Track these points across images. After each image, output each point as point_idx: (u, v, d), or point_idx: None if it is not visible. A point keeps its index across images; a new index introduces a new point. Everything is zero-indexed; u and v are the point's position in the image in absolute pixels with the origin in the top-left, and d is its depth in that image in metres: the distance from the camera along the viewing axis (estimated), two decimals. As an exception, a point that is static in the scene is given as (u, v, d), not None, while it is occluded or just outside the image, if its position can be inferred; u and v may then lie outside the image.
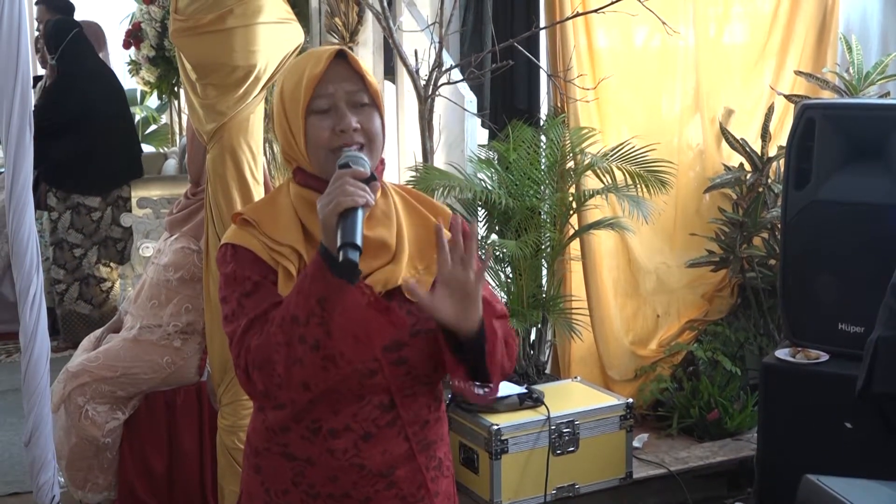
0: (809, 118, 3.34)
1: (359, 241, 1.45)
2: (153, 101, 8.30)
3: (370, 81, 1.66)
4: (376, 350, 1.59)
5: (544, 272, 3.97)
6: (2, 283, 5.37)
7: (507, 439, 3.29)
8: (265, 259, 1.60)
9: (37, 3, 5.70)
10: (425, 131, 3.74)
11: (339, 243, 1.45)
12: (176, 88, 6.26)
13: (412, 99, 3.93)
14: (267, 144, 5.04)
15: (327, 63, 1.62)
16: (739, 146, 4.28)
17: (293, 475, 1.65)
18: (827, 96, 4.15)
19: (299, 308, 1.50)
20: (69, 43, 5.09)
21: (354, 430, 1.61)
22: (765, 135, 4.26)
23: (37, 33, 6.14)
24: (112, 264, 5.20)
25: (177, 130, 7.22)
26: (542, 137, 3.92)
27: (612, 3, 3.63)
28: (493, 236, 3.90)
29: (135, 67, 6.51)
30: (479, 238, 3.86)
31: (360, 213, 1.48)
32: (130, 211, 5.01)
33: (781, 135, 4.21)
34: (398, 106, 4.79)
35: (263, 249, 1.61)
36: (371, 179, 1.54)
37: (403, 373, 1.62)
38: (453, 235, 1.54)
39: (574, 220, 3.97)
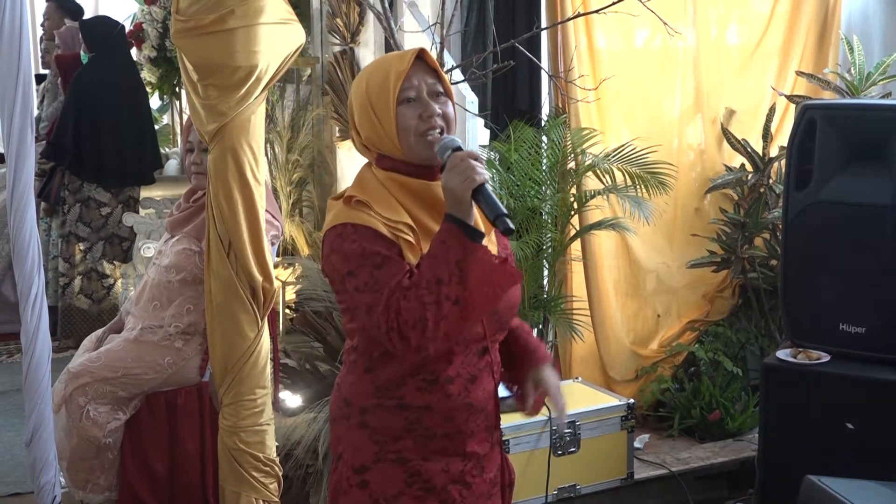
0: (810, 119, 3.34)
1: (506, 211, 1.76)
2: (154, 101, 8.30)
3: (443, 76, 1.93)
4: (501, 297, 1.83)
5: (545, 273, 3.97)
6: (3, 284, 5.39)
7: (508, 440, 3.29)
8: (386, 234, 1.82)
9: (47, 0, 5.77)
10: (427, 132, 3.73)
11: (493, 215, 1.75)
12: (177, 89, 6.26)
13: (413, 99, 3.92)
14: (267, 145, 5.04)
15: (412, 61, 1.88)
16: (740, 147, 4.28)
17: (407, 423, 1.89)
18: (828, 97, 4.15)
19: (441, 271, 1.74)
20: (112, 41, 5.20)
21: (463, 375, 1.90)
22: (766, 135, 4.26)
23: (40, 31, 6.19)
24: (116, 262, 5.23)
25: (178, 131, 7.22)
26: (544, 138, 3.93)
27: (614, 3, 3.63)
28: (495, 237, 3.89)
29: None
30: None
31: (488, 187, 1.77)
32: (138, 212, 5.03)
33: (783, 135, 4.21)
34: (399, 106, 4.78)
35: (383, 226, 1.83)
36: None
37: (494, 322, 1.93)
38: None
39: (575, 220, 3.97)
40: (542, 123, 4.10)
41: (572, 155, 3.89)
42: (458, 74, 3.86)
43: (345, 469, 1.95)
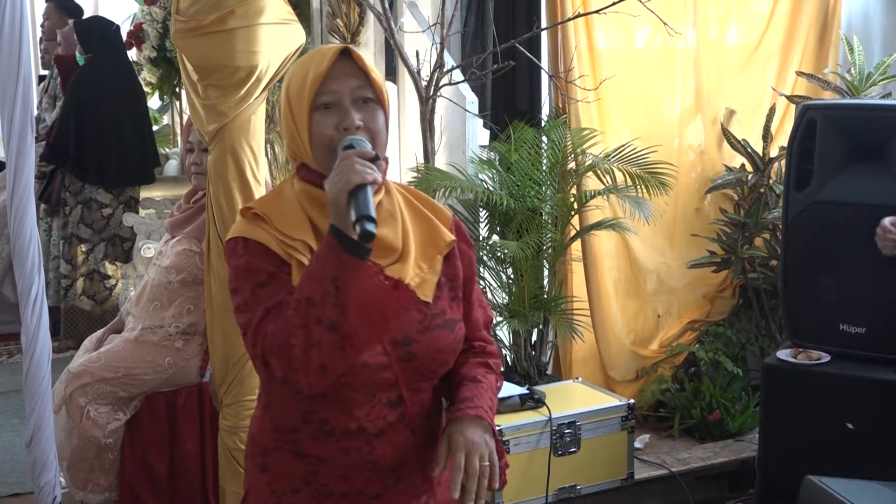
0: (811, 119, 3.34)
1: (373, 214, 1.47)
2: (154, 101, 8.30)
3: (374, 78, 1.66)
4: (390, 328, 1.61)
5: (546, 273, 3.97)
6: (3, 284, 5.39)
7: (508, 440, 3.29)
8: (278, 252, 1.62)
9: (47, 1, 5.76)
10: (427, 132, 3.74)
11: (354, 217, 1.46)
12: (177, 89, 6.26)
13: (413, 100, 3.93)
14: (268, 145, 5.04)
15: (332, 60, 1.63)
16: (741, 147, 4.28)
17: (305, 474, 1.66)
18: (828, 97, 4.15)
19: (313, 290, 1.51)
20: (107, 41, 5.20)
21: (367, 430, 1.64)
22: (766, 135, 4.26)
23: (40, 33, 6.19)
24: (118, 263, 5.23)
25: (178, 131, 7.21)
26: (544, 138, 3.93)
27: (614, 3, 3.63)
28: (495, 237, 3.90)
29: (136, 68, 6.51)
30: (481, 239, 3.87)
31: (369, 189, 1.50)
32: (138, 212, 5.02)
33: (783, 135, 4.21)
34: (399, 106, 4.79)
35: (276, 243, 1.62)
36: (376, 159, 1.55)
37: (411, 368, 1.64)
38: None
39: (575, 220, 3.97)
40: (543, 123, 4.10)
41: (572, 155, 3.89)
42: (458, 74, 3.86)
43: None
